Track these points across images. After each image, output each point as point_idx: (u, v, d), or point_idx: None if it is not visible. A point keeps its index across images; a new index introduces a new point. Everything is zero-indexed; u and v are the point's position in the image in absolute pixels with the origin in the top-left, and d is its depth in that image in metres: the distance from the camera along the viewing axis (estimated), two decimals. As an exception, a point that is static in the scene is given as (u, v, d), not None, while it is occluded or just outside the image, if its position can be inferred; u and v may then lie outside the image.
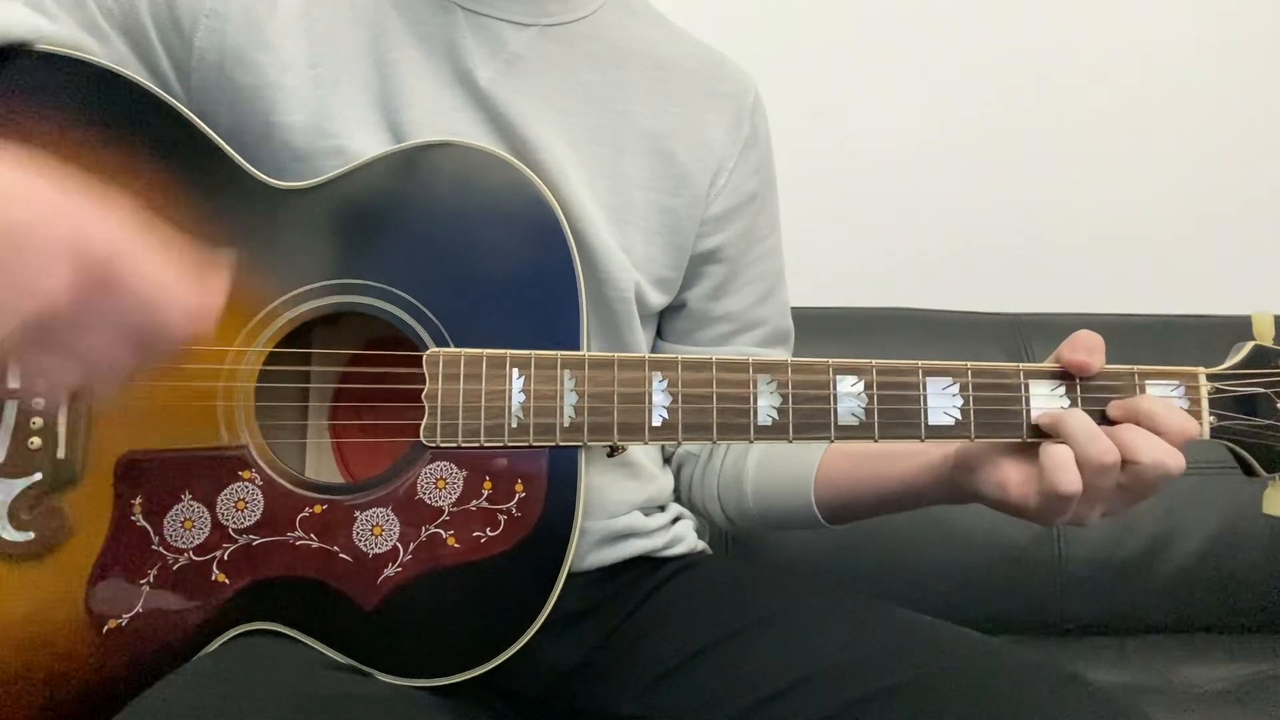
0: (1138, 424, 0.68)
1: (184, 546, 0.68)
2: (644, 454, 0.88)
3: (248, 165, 0.73)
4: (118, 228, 0.54)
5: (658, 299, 0.87)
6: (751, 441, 0.71)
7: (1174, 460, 0.66)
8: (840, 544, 1.26)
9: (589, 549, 0.83)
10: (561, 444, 0.70)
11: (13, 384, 0.67)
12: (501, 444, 0.69)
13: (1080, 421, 0.67)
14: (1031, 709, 0.63)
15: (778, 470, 0.87)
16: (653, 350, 0.91)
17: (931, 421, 0.70)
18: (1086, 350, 0.70)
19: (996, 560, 1.30)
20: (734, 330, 0.92)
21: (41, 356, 0.54)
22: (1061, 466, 0.66)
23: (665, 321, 0.93)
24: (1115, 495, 0.68)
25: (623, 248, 0.83)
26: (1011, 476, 0.70)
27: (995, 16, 1.57)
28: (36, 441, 0.68)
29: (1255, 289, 1.55)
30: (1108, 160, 1.60)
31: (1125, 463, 0.66)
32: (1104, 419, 0.70)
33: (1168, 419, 0.67)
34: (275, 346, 0.71)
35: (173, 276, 0.55)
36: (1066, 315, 1.43)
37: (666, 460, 0.95)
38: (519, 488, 0.70)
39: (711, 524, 0.96)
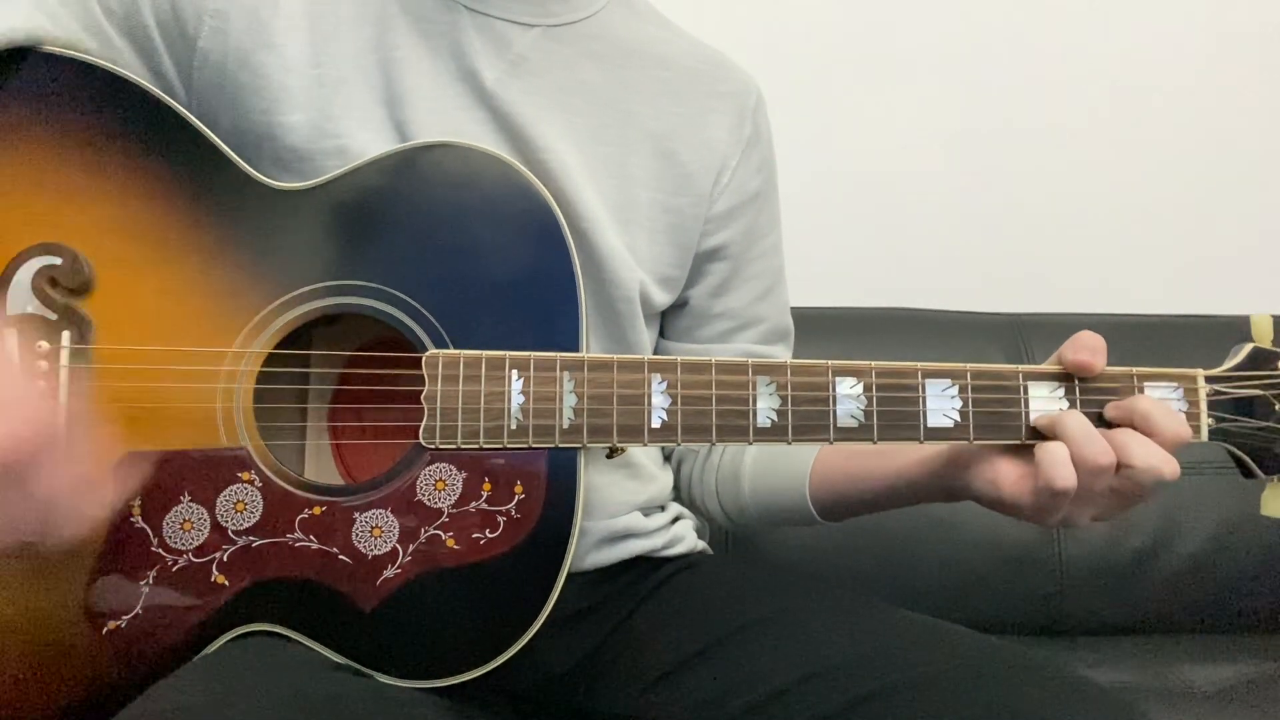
0: (1133, 425, 0.68)
1: (183, 548, 0.68)
2: (644, 454, 0.88)
3: (246, 167, 0.73)
4: (28, 429, 0.58)
5: (662, 298, 0.87)
6: (751, 443, 0.71)
7: (1168, 466, 0.66)
8: (840, 544, 1.26)
9: (588, 549, 0.83)
10: (561, 445, 0.70)
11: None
12: (501, 446, 0.70)
13: (1077, 422, 0.67)
14: (1031, 709, 0.63)
15: (773, 467, 0.87)
16: (655, 349, 0.91)
17: (930, 424, 0.70)
18: (1090, 351, 0.70)
19: (996, 560, 1.29)
20: (734, 327, 0.92)
21: None
22: (1057, 463, 0.66)
23: (666, 319, 0.93)
24: (1108, 498, 0.68)
25: (628, 248, 0.83)
26: (1005, 474, 0.70)
27: (996, 16, 1.57)
28: (36, 443, 0.68)
29: (1255, 289, 1.55)
30: (1108, 160, 1.60)
31: (1119, 466, 0.66)
32: (1101, 421, 0.70)
33: (1163, 421, 0.67)
34: (274, 348, 0.71)
35: (68, 487, 0.60)
36: (1066, 315, 1.43)
37: (667, 458, 0.95)
38: (518, 489, 0.70)
39: (711, 521, 0.96)
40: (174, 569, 0.68)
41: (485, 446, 0.70)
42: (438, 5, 0.80)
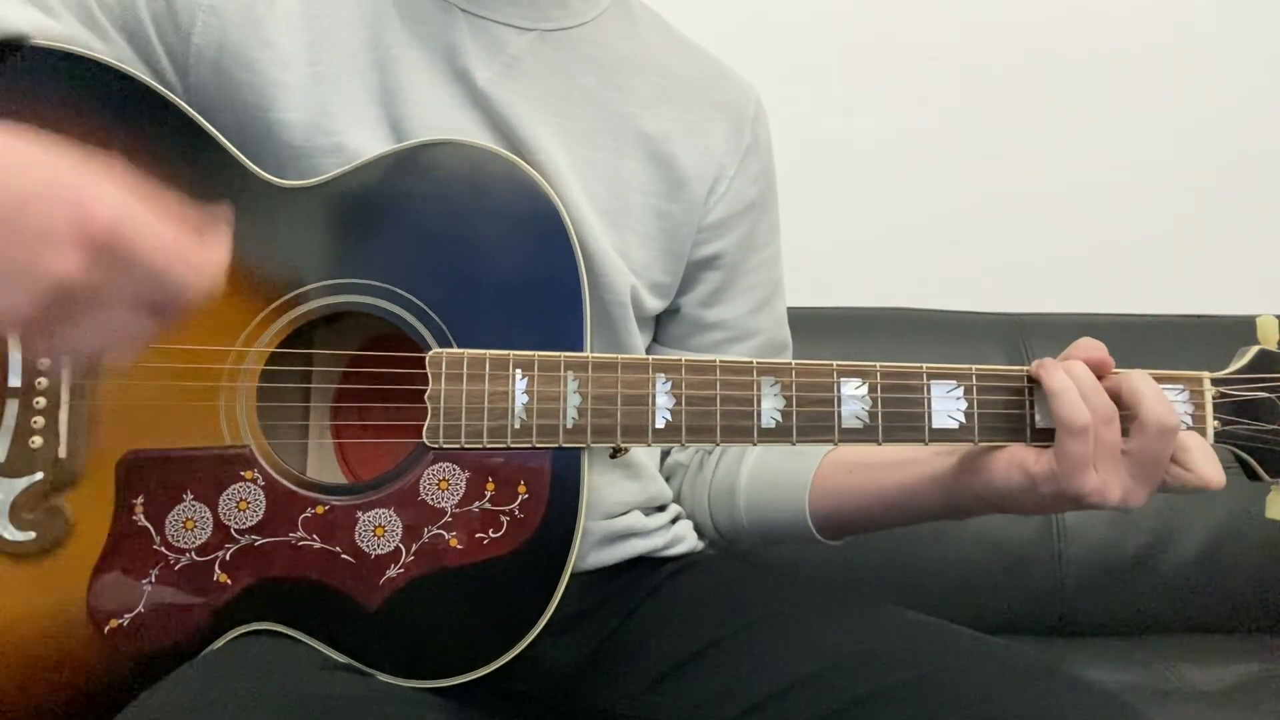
0: (1120, 400, 0.68)
1: (186, 546, 0.68)
2: (645, 455, 0.88)
3: (249, 163, 0.73)
4: (117, 195, 0.53)
5: (654, 303, 0.87)
6: (755, 444, 0.71)
7: (1173, 418, 0.66)
8: (840, 544, 1.26)
9: (589, 549, 0.83)
10: (564, 445, 0.70)
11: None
12: (504, 445, 0.69)
13: (1083, 371, 0.68)
14: (1031, 709, 0.63)
15: (770, 483, 0.87)
16: (649, 354, 0.91)
17: (936, 425, 0.70)
18: (1098, 350, 0.70)
19: (996, 560, 1.30)
20: (728, 338, 0.91)
21: (58, 331, 0.53)
22: (1069, 400, 0.67)
23: (660, 326, 0.92)
24: (1127, 465, 0.68)
25: (619, 251, 0.82)
26: (1027, 454, 0.70)
27: (996, 17, 1.57)
28: (38, 441, 0.68)
29: (1256, 290, 1.55)
30: (1108, 160, 1.60)
31: (1127, 426, 0.67)
32: None
33: (1149, 406, 0.67)
34: (277, 346, 0.71)
35: (176, 237, 0.55)
36: (1066, 315, 1.43)
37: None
38: (522, 489, 0.70)
39: (701, 536, 0.95)
40: (176, 568, 0.68)
41: (489, 446, 0.69)
42: (434, 7, 0.80)
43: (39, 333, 0.53)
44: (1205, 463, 0.68)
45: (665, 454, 0.96)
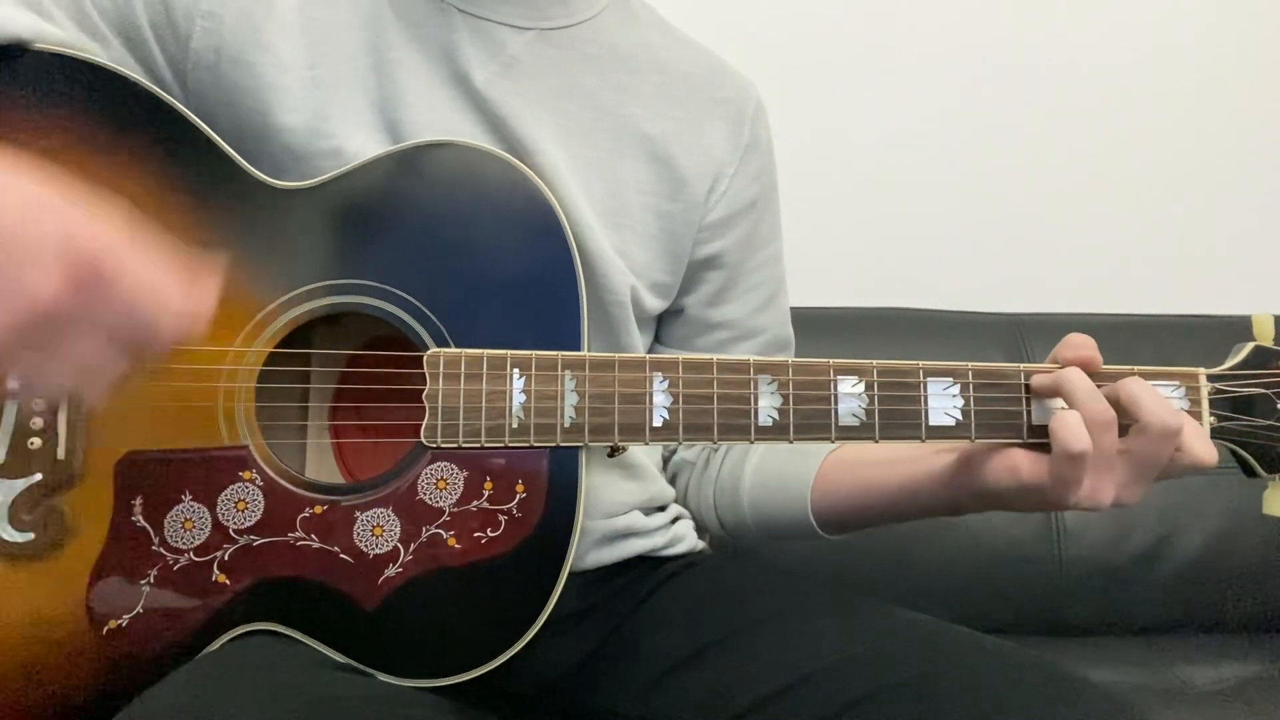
0: (1119, 407, 0.68)
1: (184, 547, 0.68)
2: (645, 455, 0.88)
3: (247, 165, 0.73)
4: (107, 228, 0.54)
5: (654, 303, 0.87)
6: (752, 442, 0.71)
7: (1174, 418, 0.66)
8: (840, 544, 1.23)
9: (589, 548, 0.83)
10: (562, 444, 0.70)
11: (7, 384, 0.67)
12: (502, 444, 0.69)
13: (1079, 377, 0.68)
14: (1031, 709, 0.63)
15: (774, 480, 0.87)
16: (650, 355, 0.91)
17: (932, 422, 0.70)
18: (1088, 348, 0.70)
19: (996, 560, 1.30)
20: (733, 338, 0.92)
21: (32, 356, 0.54)
22: (1069, 425, 0.66)
23: (664, 327, 0.92)
24: (1123, 467, 0.67)
25: (618, 251, 0.82)
26: (1021, 460, 0.69)
27: (995, 17, 1.58)
28: (36, 442, 0.68)
29: (1255, 289, 1.56)
30: (1108, 160, 1.60)
31: (1127, 426, 0.66)
32: None
33: (1149, 409, 0.67)
34: (275, 347, 0.71)
35: (163, 278, 0.55)
36: (1066, 315, 1.44)
37: (663, 468, 0.94)
38: (520, 488, 0.70)
39: (709, 533, 0.95)
40: (175, 568, 0.68)
41: (487, 445, 0.70)
42: (430, 8, 0.80)
43: (8, 353, 0.53)
44: (1196, 441, 0.68)
45: (670, 453, 0.96)
